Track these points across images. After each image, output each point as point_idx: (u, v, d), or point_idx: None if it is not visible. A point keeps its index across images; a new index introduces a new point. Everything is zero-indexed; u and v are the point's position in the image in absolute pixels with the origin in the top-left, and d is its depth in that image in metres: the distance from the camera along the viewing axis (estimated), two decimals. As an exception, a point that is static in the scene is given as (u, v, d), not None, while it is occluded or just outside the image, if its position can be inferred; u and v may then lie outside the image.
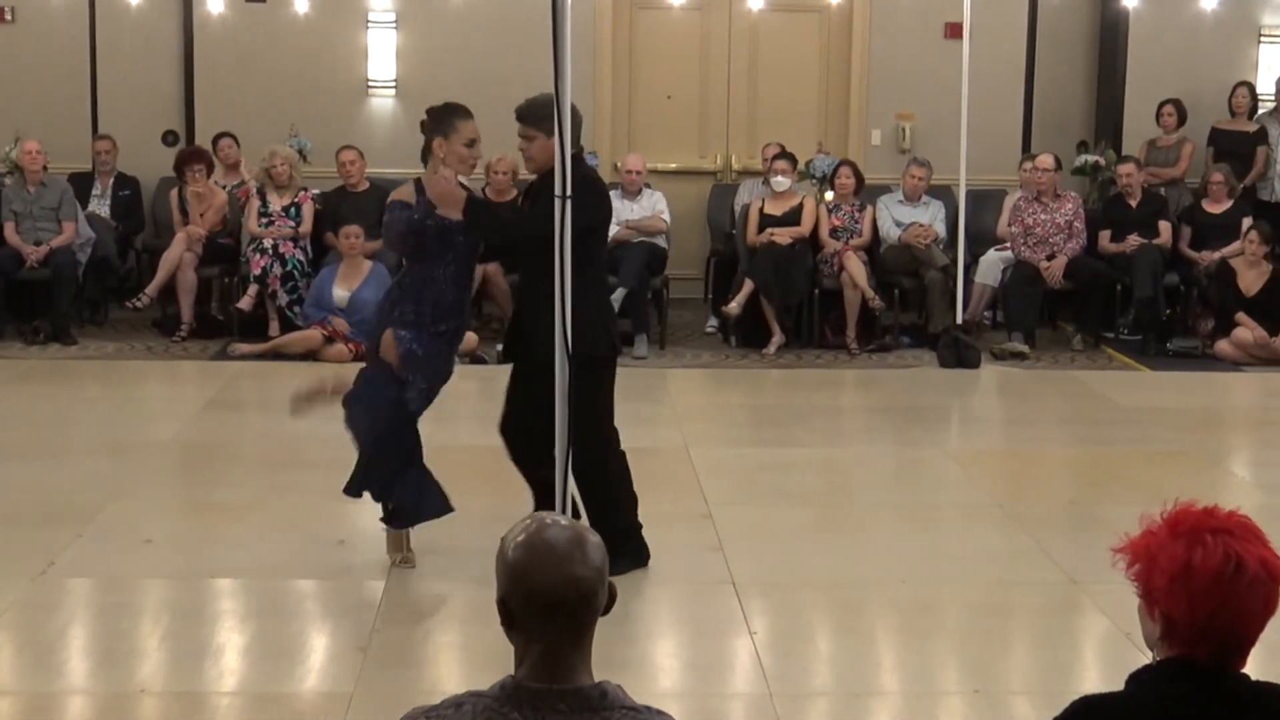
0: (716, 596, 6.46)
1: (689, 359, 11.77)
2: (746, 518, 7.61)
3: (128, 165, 13.25)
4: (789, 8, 13.99)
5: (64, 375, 10.86)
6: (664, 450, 8.90)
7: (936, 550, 7.23)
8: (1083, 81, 14.31)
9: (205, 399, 10.22)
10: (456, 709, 2.62)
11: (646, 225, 12.28)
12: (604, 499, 6.57)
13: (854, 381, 11.34)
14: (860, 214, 12.38)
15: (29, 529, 7.22)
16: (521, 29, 12.66)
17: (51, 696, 5.46)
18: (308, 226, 12.25)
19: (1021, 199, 12.53)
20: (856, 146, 14.02)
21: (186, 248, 12.17)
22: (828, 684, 5.74)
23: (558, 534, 2.64)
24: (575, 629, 2.61)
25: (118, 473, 8.31)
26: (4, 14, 13.67)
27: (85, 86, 13.70)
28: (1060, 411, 10.61)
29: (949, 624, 6.32)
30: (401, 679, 5.62)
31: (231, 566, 6.76)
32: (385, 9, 13.80)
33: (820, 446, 9.34)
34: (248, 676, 5.65)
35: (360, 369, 6.84)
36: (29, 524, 7.30)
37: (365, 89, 13.85)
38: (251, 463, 8.84)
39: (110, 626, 6.11)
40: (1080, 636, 6.27)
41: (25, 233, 12.05)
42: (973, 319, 12.28)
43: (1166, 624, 2.78)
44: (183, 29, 13.74)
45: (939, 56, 13.50)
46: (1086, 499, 8.28)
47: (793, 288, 11.96)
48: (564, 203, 5.42)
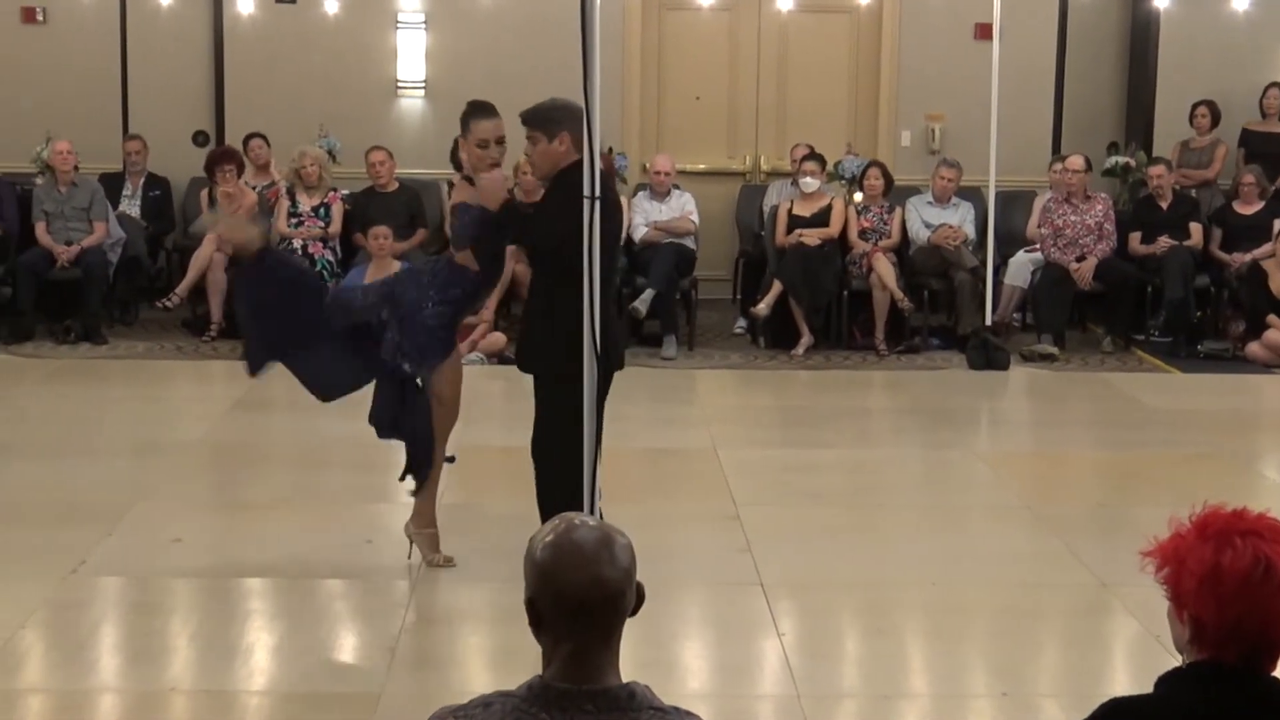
0: (744, 598, 6.46)
1: (717, 360, 11.77)
2: (775, 519, 7.60)
3: (158, 165, 13.30)
4: (818, 8, 13.97)
5: (94, 374, 10.90)
6: (692, 451, 8.90)
7: (965, 552, 7.22)
8: (1113, 82, 14.26)
9: (234, 399, 10.24)
10: (485, 708, 2.62)
11: (675, 226, 12.28)
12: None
13: (882, 383, 11.32)
14: (889, 215, 12.36)
15: (59, 528, 7.25)
16: (551, 30, 12.67)
17: (82, 694, 5.48)
18: (337, 227, 12.27)
19: (1051, 200, 12.49)
20: (886, 147, 14.00)
21: (216, 248, 12.19)
22: (856, 686, 5.73)
23: (586, 535, 2.64)
24: (603, 629, 2.61)
25: (147, 472, 8.35)
26: (36, 15, 13.74)
27: (116, 87, 13.76)
28: (1089, 414, 10.58)
29: (978, 626, 6.30)
30: (429, 679, 5.64)
31: (260, 566, 6.78)
32: (414, 10, 13.82)
33: (849, 448, 9.32)
34: (276, 676, 5.67)
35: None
36: (59, 523, 7.34)
37: (394, 89, 13.87)
38: (280, 462, 8.87)
39: (140, 625, 6.13)
40: (1109, 639, 6.26)
41: (56, 233, 12.10)
42: (1002, 321, 12.24)
43: (1195, 627, 2.77)
44: (213, 30, 13.79)
45: (969, 57, 13.48)
46: (1116, 501, 8.26)
47: (821, 289, 11.94)
48: (592, 204, 5.42)
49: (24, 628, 5.97)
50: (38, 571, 6.59)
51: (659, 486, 7.42)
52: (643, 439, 9.11)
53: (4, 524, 7.50)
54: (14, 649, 5.80)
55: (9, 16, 13.66)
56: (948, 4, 13.78)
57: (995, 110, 11.39)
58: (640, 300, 11.67)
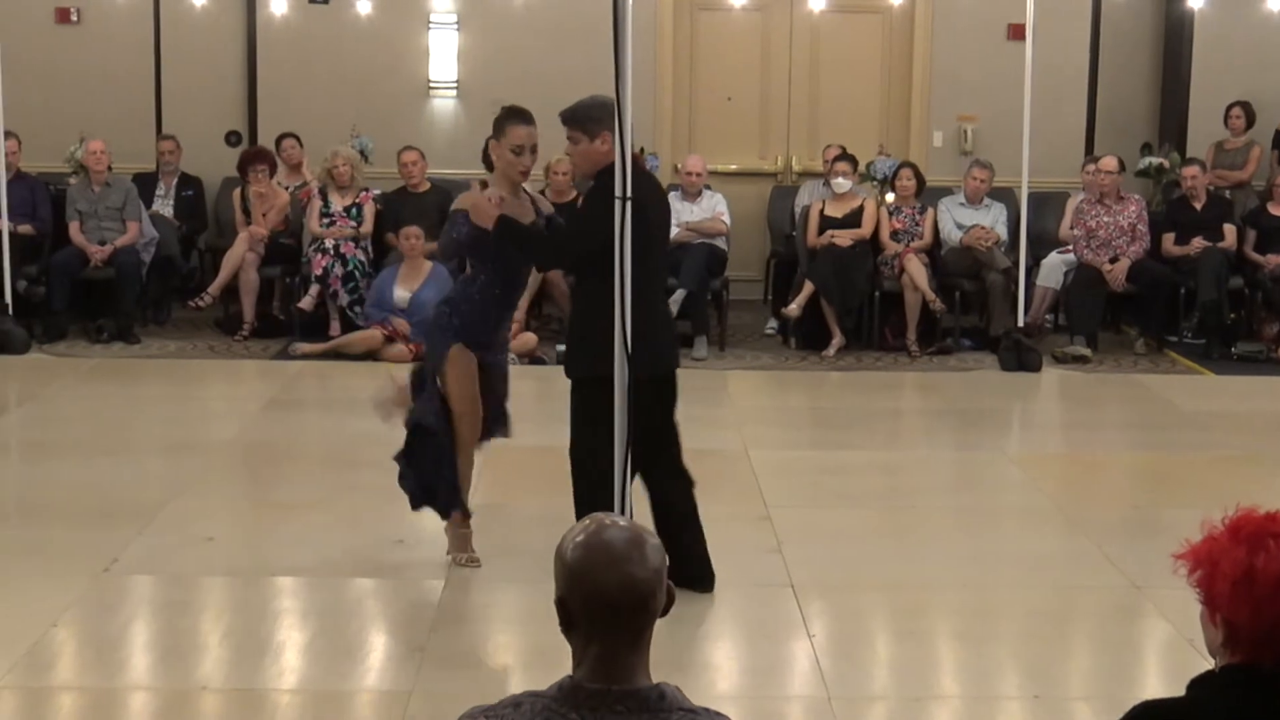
0: (775, 599, 6.45)
1: (749, 361, 11.76)
2: (806, 520, 7.59)
3: (191, 165, 13.34)
4: (850, 9, 13.95)
5: (127, 374, 10.94)
6: (723, 452, 8.89)
7: (997, 554, 7.20)
8: (1147, 83, 14.21)
9: (266, 398, 10.28)
10: (515, 708, 2.62)
11: (706, 227, 12.27)
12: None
13: (914, 384, 11.29)
14: (921, 216, 12.33)
15: (92, 526, 7.28)
16: (583, 30, 12.68)
17: (114, 692, 5.50)
18: (369, 227, 12.29)
19: (1084, 201, 12.44)
20: (918, 148, 13.97)
21: (249, 248, 12.24)
22: (887, 688, 5.72)
23: (616, 535, 2.64)
24: (633, 630, 2.61)
25: (179, 471, 8.37)
26: (70, 15, 13.80)
27: (150, 87, 13.81)
28: (1122, 416, 10.54)
29: (1009, 628, 6.29)
30: (460, 678, 5.64)
31: (292, 565, 6.80)
32: (447, 10, 13.84)
33: (880, 449, 9.31)
34: (307, 674, 5.68)
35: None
36: (92, 521, 7.37)
37: (426, 90, 13.90)
38: (312, 462, 8.89)
39: (172, 623, 6.15)
40: (1142, 642, 6.23)
41: (90, 232, 12.15)
42: (1034, 322, 12.20)
43: (1229, 630, 2.75)
44: (246, 30, 13.83)
45: (1001, 58, 13.44)
46: (1148, 504, 8.23)
47: (853, 290, 11.92)
48: (624, 204, 5.41)
49: (56, 626, 6.00)
50: (70, 569, 6.62)
51: (690, 487, 7.41)
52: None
53: (37, 522, 7.55)
54: (46, 647, 5.83)
55: (43, 17, 13.72)
56: (980, 4, 13.75)
57: (1028, 111, 11.35)
58: (671, 301, 11.66)
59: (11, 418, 9.98)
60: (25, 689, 5.48)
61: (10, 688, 5.44)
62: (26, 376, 10.79)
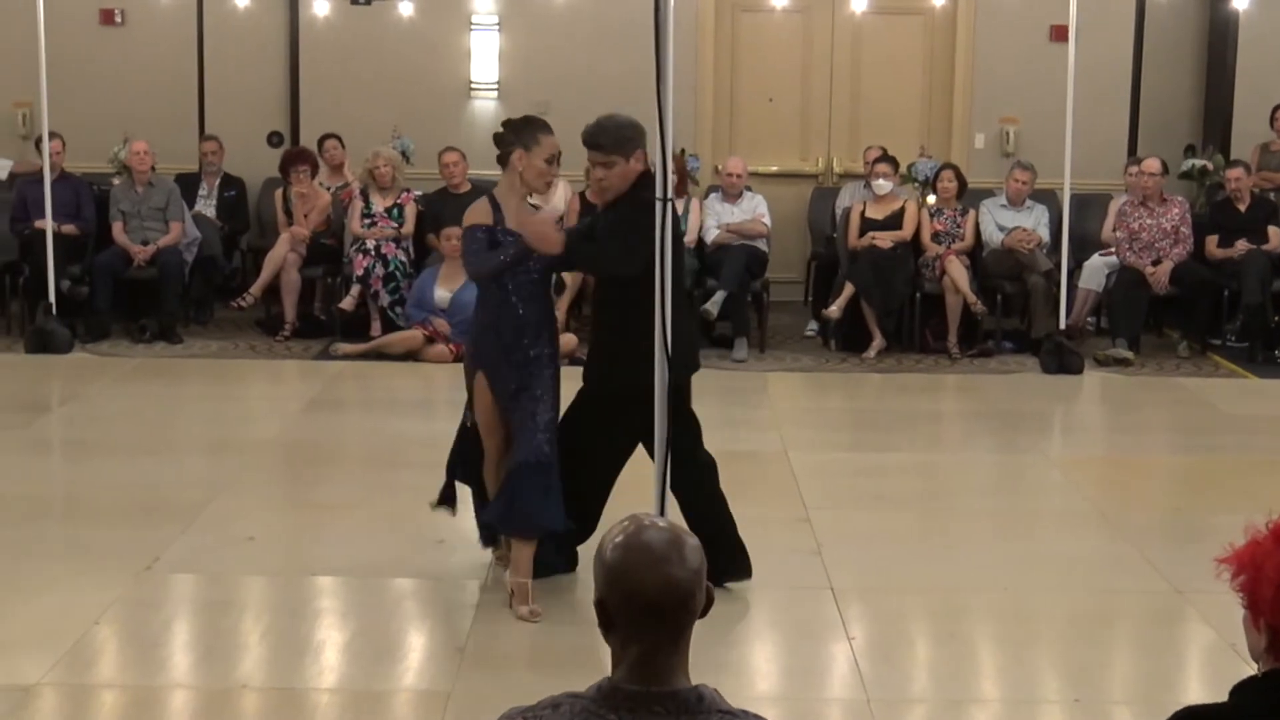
0: (814, 601, 6.44)
1: (788, 362, 11.74)
2: (845, 522, 7.58)
3: (233, 166, 13.41)
4: (892, 10, 13.91)
5: (169, 373, 11.00)
6: (762, 453, 8.89)
7: (1037, 557, 7.18)
8: (1190, 84, 14.13)
9: (307, 398, 10.31)
10: (554, 709, 2.62)
11: (747, 228, 12.26)
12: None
13: (955, 386, 11.26)
14: (962, 218, 12.29)
15: (133, 525, 7.32)
16: (623, 32, 12.68)
17: (155, 690, 5.53)
18: (410, 227, 12.32)
19: (1127, 203, 12.39)
20: (960, 150, 13.93)
21: (290, 248, 12.29)
22: (926, 690, 5.71)
23: (656, 536, 2.63)
24: (672, 631, 2.61)
25: (221, 470, 8.41)
26: (114, 17, 13.88)
27: (193, 88, 13.88)
28: (1164, 419, 10.48)
29: (1049, 632, 6.26)
30: (499, 679, 5.65)
31: (332, 564, 6.82)
32: (488, 12, 13.87)
33: (920, 451, 9.28)
34: (347, 674, 5.69)
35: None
36: (134, 520, 7.41)
37: (468, 91, 13.92)
38: (352, 462, 8.92)
39: (213, 622, 6.18)
40: (1183, 647, 6.20)
41: (133, 232, 12.22)
42: (1076, 324, 12.15)
43: (1272, 635, 2.73)
44: (288, 32, 13.89)
45: (1044, 59, 13.39)
46: (1191, 507, 8.18)
47: (894, 291, 11.90)
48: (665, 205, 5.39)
49: (98, 623, 6.03)
50: (113, 568, 6.66)
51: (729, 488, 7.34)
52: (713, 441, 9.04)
53: (80, 520, 7.60)
54: (89, 644, 5.86)
55: (88, 18, 13.81)
56: (1023, 5, 13.70)
57: (1070, 112, 11.30)
58: (712, 302, 11.67)
59: (54, 416, 10.04)
60: (68, 686, 5.51)
61: (53, 685, 5.48)
62: (69, 375, 10.86)
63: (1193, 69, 14.13)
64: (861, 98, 14.16)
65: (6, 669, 5.65)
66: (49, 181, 11.60)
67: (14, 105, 13.85)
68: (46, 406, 10.29)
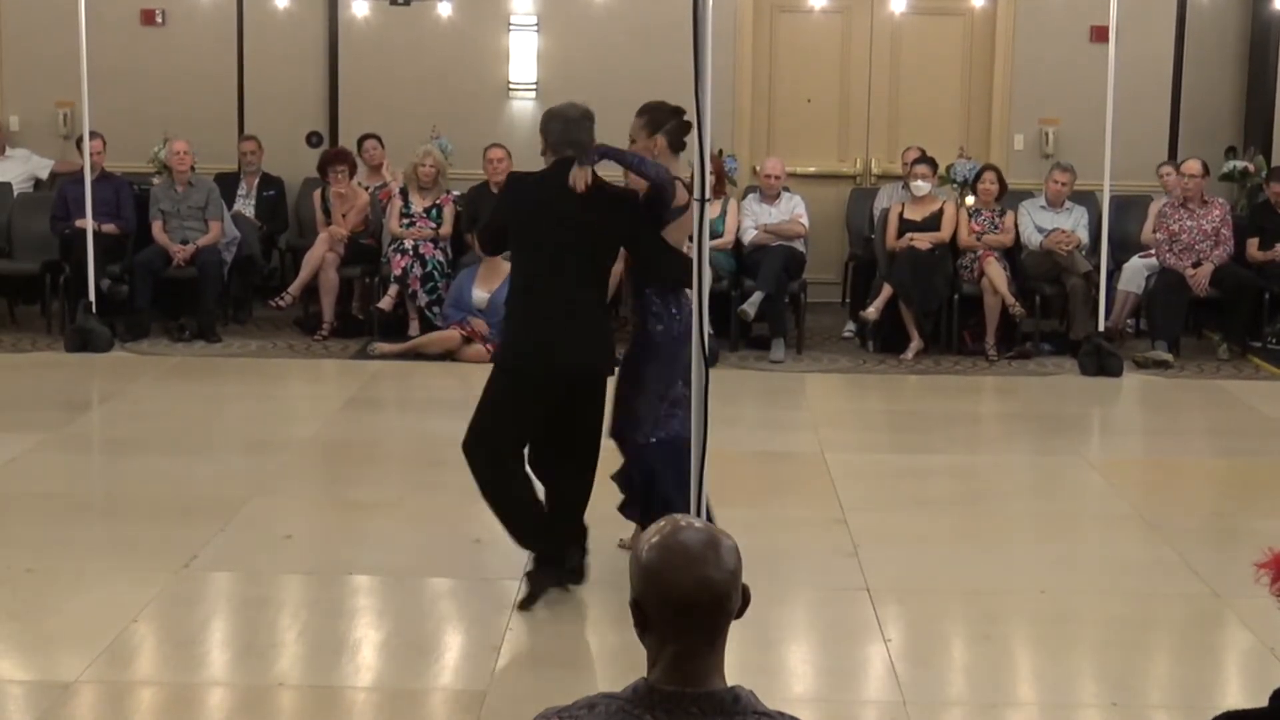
0: (851, 602, 6.43)
1: (826, 363, 11.72)
2: (882, 524, 7.56)
3: (273, 166, 13.46)
4: (931, 11, 13.88)
5: (208, 372, 11.04)
6: (800, 455, 8.87)
7: (1075, 560, 7.15)
8: (1232, 86, 14.06)
9: (345, 397, 10.34)
10: (589, 710, 2.62)
11: (785, 229, 12.24)
12: None
13: (993, 388, 11.22)
14: (1001, 219, 12.24)
15: (172, 523, 7.35)
16: (662, 32, 12.69)
17: (193, 687, 5.55)
18: (448, 229, 12.34)
19: (1167, 205, 12.33)
20: (999, 151, 13.89)
21: (329, 248, 12.32)
22: (962, 693, 5.69)
23: (692, 536, 2.63)
24: (709, 631, 2.60)
25: (259, 469, 8.44)
26: (155, 17, 13.95)
27: (232, 88, 13.95)
28: (1204, 422, 10.43)
29: (1087, 635, 6.23)
30: (535, 678, 5.66)
31: (369, 563, 6.84)
32: (527, 12, 13.89)
33: (958, 453, 9.25)
34: (383, 672, 5.71)
35: None
36: (172, 518, 7.43)
37: (506, 91, 13.95)
38: (390, 461, 8.94)
39: (250, 620, 6.20)
40: (1223, 651, 6.16)
41: (173, 231, 12.28)
42: (1115, 326, 12.10)
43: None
44: (328, 32, 13.94)
45: (1084, 60, 13.35)
46: (1230, 511, 8.14)
47: (932, 293, 11.87)
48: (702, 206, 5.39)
49: (136, 621, 6.06)
50: (151, 565, 6.69)
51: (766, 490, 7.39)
52: (750, 442, 9.10)
53: (120, 518, 7.63)
54: (127, 641, 5.88)
55: (129, 18, 13.88)
56: (1063, 6, 13.66)
57: (1110, 113, 11.24)
58: (749, 303, 11.65)
59: (94, 415, 10.09)
60: (106, 683, 5.54)
61: (91, 682, 5.50)
62: (109, 374, 10.92)
63: (1234, 70, 14.05)
64: (900, 98, 14.14)
65: (45, 666, 5.70)
66: (89, 181, 11.65)
67: (56, 105, 13.94)
68: (86, 405, 10.35)
